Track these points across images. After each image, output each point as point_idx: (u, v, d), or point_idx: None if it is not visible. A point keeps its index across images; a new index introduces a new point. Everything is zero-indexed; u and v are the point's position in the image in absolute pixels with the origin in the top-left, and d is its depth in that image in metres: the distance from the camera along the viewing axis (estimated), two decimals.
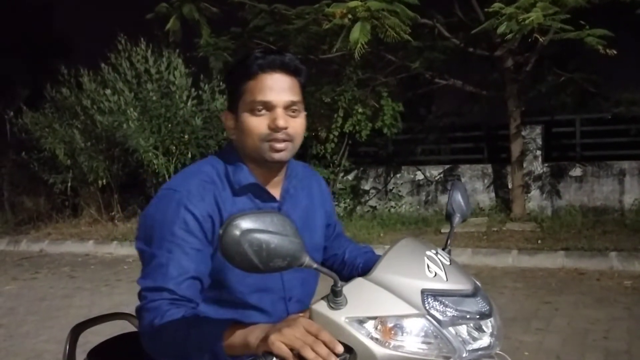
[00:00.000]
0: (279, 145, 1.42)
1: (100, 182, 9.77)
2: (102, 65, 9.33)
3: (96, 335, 1.98)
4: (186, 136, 8.98)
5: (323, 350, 1.06)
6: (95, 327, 1.95)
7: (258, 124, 1.42)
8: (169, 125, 9.02)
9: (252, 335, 1.16)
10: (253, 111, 1.42)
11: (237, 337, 1.18)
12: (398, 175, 10.07)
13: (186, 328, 1.25)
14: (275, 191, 1.55)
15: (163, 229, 1.38)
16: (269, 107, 1.41)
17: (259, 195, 1.52)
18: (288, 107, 1.43)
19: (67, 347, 1.82)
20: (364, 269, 1.61)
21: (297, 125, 1.45)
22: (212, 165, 1.52)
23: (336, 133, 9.25)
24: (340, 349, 1.08)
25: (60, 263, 7.90)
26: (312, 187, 1.68)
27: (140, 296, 1.38)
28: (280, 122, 1.40)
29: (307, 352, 1.06)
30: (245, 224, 1.04)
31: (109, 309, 4.83)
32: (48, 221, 10.43)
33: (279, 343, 1.08)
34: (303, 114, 1.48)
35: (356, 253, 1.74)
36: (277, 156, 1.44)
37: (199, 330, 1.23)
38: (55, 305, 5.69)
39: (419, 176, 9.94)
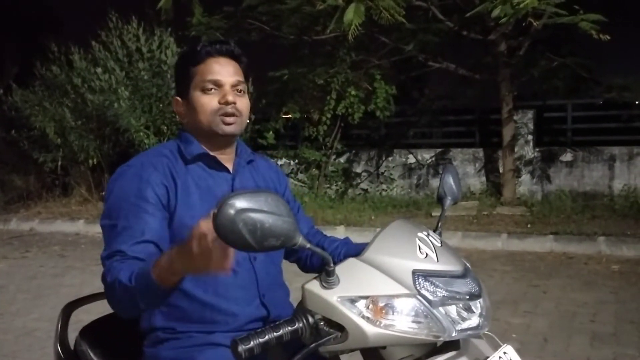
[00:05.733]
0: (229, 119, 1.57)
1: (90, 161, 9.73)
2: (93, 43, 9.25)
3: (88, 314, 1.99)
4: (178, 116, 8.93)
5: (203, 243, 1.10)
6: (87, 305, 1.95)
7: (209, 100, 1.58)
8: (161, 105, 8.97)
9: (171, 258, 1.21)
10: (204, 90, 1.58)
11: (161, 265, 1.23)
12: (390, 158, 10.08)
13: (128, 279, 1.30)
14: (228, 165, 1.66)
15: (121, 200, 1.50)
16: (218, 84, 1.58)
17: (211, 165, 1.63)
18: (234, 86, 1.59)
19: (59, 325, 1.82)
20: (347, 257, 1.65)
21: (243, 102, 1.61)
22: (164, 145, 1.68)
23: (329, 115, 9.25)
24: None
25: (51, 242, 7.89)
26: (262, 167, 1.79)
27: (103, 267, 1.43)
28: (230, 97, 1.57)
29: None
30: (240, 203, 1.03)
31: (100, 288, 4.79)
32: (38, 200, 10.38)
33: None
34: (247, 96, 1.65)
35: (337, 243, 1.77)
36: (228, 129, 1.58)
37: (136, 275, 1.29)
38: (46, 284, 5.69)
39: (411, 159, 9.96)
